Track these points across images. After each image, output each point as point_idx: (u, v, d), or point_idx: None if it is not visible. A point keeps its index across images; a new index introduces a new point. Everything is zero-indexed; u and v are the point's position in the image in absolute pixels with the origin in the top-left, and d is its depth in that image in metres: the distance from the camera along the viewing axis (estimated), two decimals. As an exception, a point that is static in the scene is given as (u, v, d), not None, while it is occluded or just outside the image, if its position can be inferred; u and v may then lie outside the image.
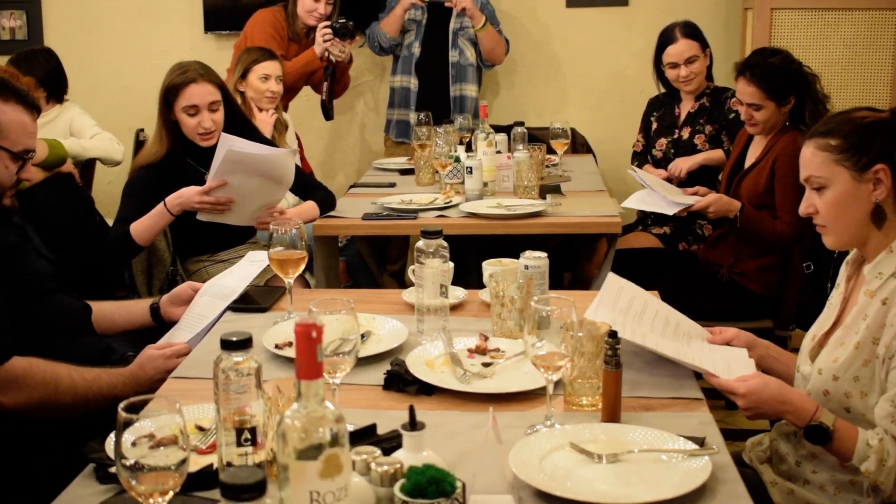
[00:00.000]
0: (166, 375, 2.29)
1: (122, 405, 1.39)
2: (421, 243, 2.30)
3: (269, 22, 5.00)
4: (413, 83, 5.31)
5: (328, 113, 5.16)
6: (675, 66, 4.29)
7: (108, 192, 5.30)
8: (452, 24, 5.23)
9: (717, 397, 3.95)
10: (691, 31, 4.30)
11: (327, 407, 1.28)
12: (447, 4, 5.11)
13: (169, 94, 3.40)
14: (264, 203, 3.40)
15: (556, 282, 4.69)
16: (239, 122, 3.55)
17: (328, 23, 4.89)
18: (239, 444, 1.57)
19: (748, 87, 3.49)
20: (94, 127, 4.78)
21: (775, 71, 3.48)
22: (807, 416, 1.96)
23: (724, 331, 2.29)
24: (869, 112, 2.06)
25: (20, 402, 2.20)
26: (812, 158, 2.04)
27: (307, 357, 1.25)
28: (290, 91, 4.93)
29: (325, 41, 4.85)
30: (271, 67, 4.36)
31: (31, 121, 2.37)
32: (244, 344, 1.56)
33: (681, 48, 4.27)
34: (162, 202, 3.26)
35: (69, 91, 4.89)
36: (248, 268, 2.81)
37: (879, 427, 1.93)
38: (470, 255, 3.66)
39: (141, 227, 3.28)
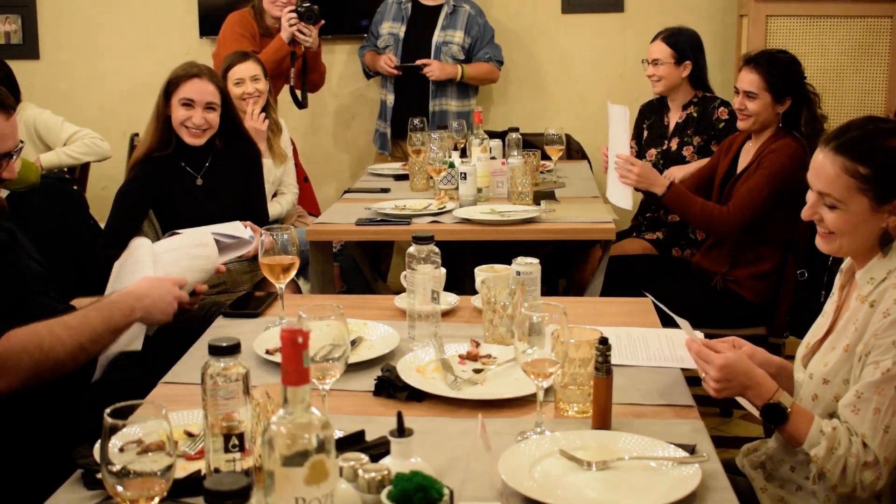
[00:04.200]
0: (174, 306, 2.34)
1: (108, 411, 1.38)
2: (412, 249, 2.30)
3: (236, 22, 5.04)
4: (390, 98, 5.35)
5: (299, 101, 5.12)
6: (645, 62, 4.37)
7: (102, 197, 5.29)
8: (435, 39, 5.25)
9: (712, 404, 3.96)
10: (672, 38, 4.32)
11: (313, 413, 1.28)
12: (422, 72, 5.18)
13: (170, 86, 3.43)
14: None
15: (552, 288, 4.71)
16: (233, 129, 3.56)
17: (292, 7, 4.91)
18: (227, 451, 1.56)
19: (749, 74, 3.51)
20: (65, 124, 4.76)
21: (781, 65, 3.50)
22: (767, 395, 1.98)
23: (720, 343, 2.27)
24: None
25: (12, 382, 2.11)
26: (835, 179, 1.98)
27: (293, 363, 1.25)
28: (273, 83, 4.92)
29: (290, 26, 4.87)
30: (243, 70, 4.31)
31: (4, 122, 2.34)
32: (232, 350, 1.55)
33: (653, 48, 4.34)
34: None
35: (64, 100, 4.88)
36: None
37: (839, 416, 1.95)
38: (466, 260, 3.67)
39: None
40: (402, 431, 1.49)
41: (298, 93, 5.09)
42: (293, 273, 2.44)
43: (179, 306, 2.43)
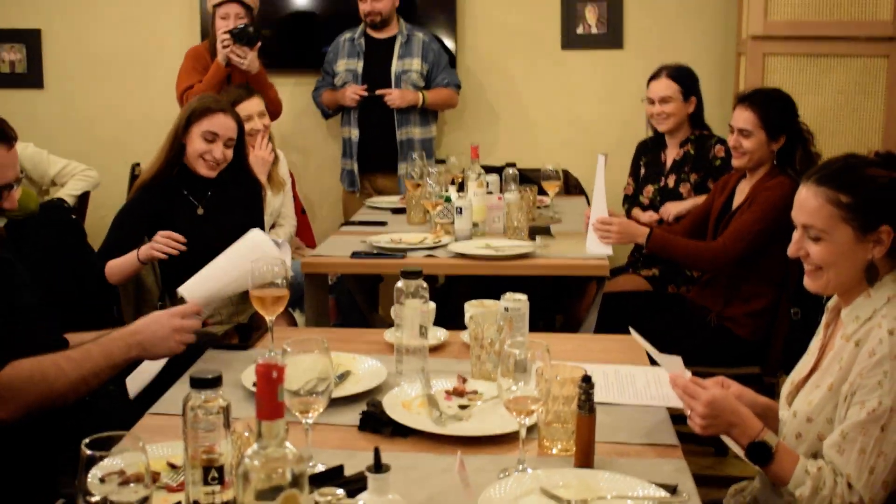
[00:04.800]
0: (176, 338, 2.33)
1: (85, 442, 1.39)
2: (400, 283, 2.31)
3: (190, 56, 5.04)
4: (354, 133, 5.37)
5: None
6: (651, 102, 4.35)
7: (102, 226, 5.30)
8: (394, 69, 5.29)
9: (707, 444, 3.93)
10: (677, 74, 4.33)
11: (287, 448, 1.28)
12: (385, 101, 5.21)
13: (193, 115, 3.44)
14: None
15: (549, 323, 4.71)
16: (239, 163, 3.58)
17: (228, 29, 4.84)
18: (206, 483, 1.56)
19: (744, 112, 3.52)
20: (51, 158, 4.80)
21: (774, 103, 3.52)
22: (753, 433, 1.98)
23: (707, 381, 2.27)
24: (882, 171, 2.01)
25: (18, 411, 2.15)
26: (818, 210, 2.00)
27: (267, 397, 1.25)
28: None
29: (224, 48, 4.80)
30: (250, 106, 4.28)
31: (6, 153, 2.36)
32: (213, 382, 1.56)
33: (659, 86, 4.32)
34: (135, 252, 3.25)
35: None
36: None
37: (825, 456, 1.94)
38: (461, 294, 3.67)
39: (114, 267, 3.29)
40: (378, 467, 1.50)
41: None
42: (283, 306, 2.45)
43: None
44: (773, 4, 4.92)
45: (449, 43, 5.76)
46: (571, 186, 5.46)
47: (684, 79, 4.33)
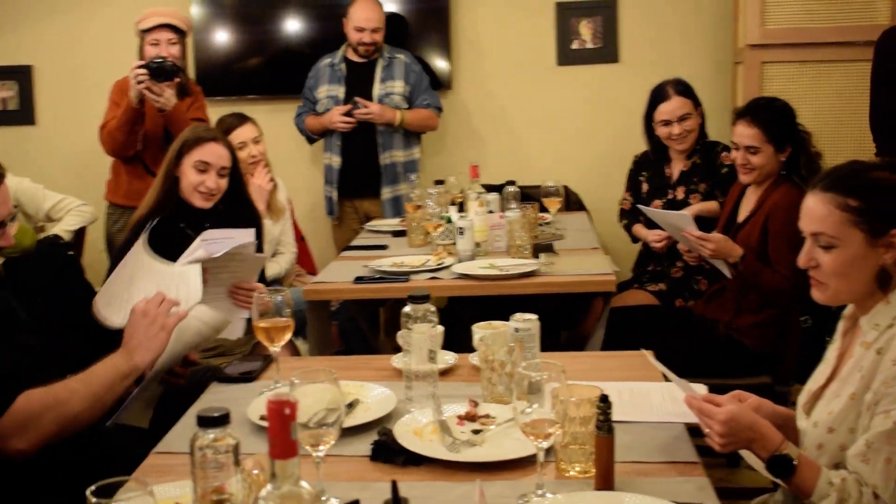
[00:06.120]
0: (160, 336, 2.33)
1: (90, 490, 1.34)
2: (408, 308, 2.26)
3: (116, 90, 4.74)
4: (336, 161, 5.30)
5: (151, 171, 4.49)
6: (667, 123, 4.23)
7: (100, 260, 5.27)
8: (377, 92, 5.24)
9: (719, 455, 3.88)
10: (684, 88, 4.26)
11: (303, 487, 1.23)
12: (362, 114, 5.13)
13: (185, 147, 3.39)
14: (235, 282, 3.27)
15: (554, 341, 4.65)
16: (236, 193, 3.54)
17: (143, 62, 4.45)
18: (217, 524, 1.51)
19: (748, 129, 3.48)
20: (46, 193, 4.72)
21: (777, 114, 3.48)
22: (773, 446, 1.94)
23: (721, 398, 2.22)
24: (888, 174, 1.99)
25: (38, 439, 2.14)
26: (827, 216, 1.97)
27: (280, 436, 1.21)
28: (122, 147, 4.61)
29: (138, 83, 4.39)
30: (243, 133, 4.30)
31: None
32: (221, 420, 1.51)
33: (674, 105, 4.22)
34: None
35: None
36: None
37: (849, 466, 1.90)
38: (466, 316, 3.62)
39: None
40: (397, 502, 1.45)
41: (153, 160, 4.54)
42: (288, 336, 2.40)
43: (171, 373, 2.41)
44: (770, 12, 4.90)
45: (443, 63, 5.74)
46: (573, 202, 5.43)
47: (690, 91, 4.27)
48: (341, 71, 5.30)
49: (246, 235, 3.15)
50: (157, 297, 2.43)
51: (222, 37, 5.84)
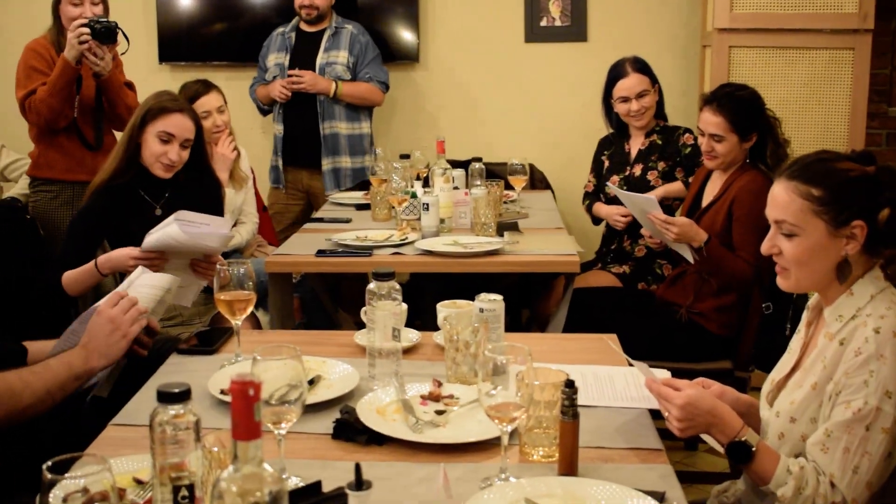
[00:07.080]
0: (120, 344, 2.30)
1: (46, 465, 1.30)
2: (372, 285, 2.23)
3: (31, 55, 4.21)
4: (278, 129, 5.27)
5: (88, 142, 4.23)
6: (626, 100, 4.26)
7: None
8: (319, 61, 5.19)
9: (677, 438, 3.91)
10: (641, 65, 4.29)
11: (265, 469, 1.20)
12: (294, 85, 5.10)
13: (149, 115, 3.32)
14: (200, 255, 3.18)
15: (515, 319, 4.65)
16: (198, 162, 3.47)
17: (85, 20, 3.99)
18: (176, 502, 1.48)
19: (714, 117, 3.48)
20: (3, 151, 4.62)
21: (742, 104, 3.47)
22: (732, 432, 1.96)
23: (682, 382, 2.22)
24: (853, 164, 1.99)
25: None
26: (789, 204, 1.98)
27: (244, 417, 1.17)
28: (59, 116, 4.13)
29: (80, 43, 3.95)
30: (208, 101, 4.26)
31: None
32: (182, 396, 1.47)
33: (632, 82, 4.24)
34: (93, 261, 3.11)
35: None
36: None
37: (808, 455, 1.92)
38: (428, 292, 3.60)
39: (71, 279, 3.14)
40: (360, 484, 1.43)
41: (89, 130, 4.24)
42: (250, 309, 2.37)
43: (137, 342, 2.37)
44: (739, -4, 4.90)
45: (410, 36, 5.68)
46: (537, 180, 5.41)
47: (647, 69, 4.30)
48: (290, 40, 5.25)
49: (221, 226, 3.07)
50: (126, 302, 2.37)
51: (185, 1, 5.73)
